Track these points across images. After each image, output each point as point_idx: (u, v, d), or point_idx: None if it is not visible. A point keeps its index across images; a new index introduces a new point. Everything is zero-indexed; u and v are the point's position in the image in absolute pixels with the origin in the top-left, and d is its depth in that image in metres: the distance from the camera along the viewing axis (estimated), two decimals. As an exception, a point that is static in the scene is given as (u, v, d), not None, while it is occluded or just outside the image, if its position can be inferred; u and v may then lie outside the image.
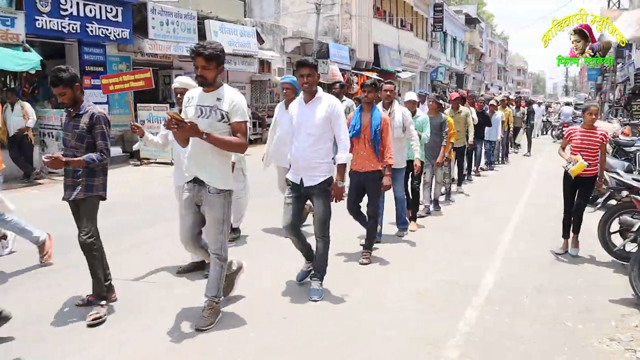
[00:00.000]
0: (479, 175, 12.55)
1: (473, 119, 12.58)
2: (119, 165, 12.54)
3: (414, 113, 7.05)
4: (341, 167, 4.60)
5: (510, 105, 16.37)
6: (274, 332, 4.00)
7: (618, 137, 13.55)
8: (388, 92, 6.41)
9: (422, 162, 7.01)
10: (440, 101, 8.27)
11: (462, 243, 6.66)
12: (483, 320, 4.30)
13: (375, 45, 28.84)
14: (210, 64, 3.79)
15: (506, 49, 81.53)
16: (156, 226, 7.09)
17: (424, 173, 7.73)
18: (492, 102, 14.19)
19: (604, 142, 5.88)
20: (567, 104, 30.19)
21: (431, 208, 8.28)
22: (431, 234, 7.13)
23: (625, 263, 5.58)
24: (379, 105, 6.20)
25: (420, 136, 6.90)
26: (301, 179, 4.59)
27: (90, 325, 3.98)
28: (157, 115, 13.20)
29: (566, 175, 6.03)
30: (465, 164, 11.10)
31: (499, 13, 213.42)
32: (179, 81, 5.13)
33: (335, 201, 4.67)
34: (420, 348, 3.78)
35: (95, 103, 5.06)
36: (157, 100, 15.91)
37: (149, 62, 15.60)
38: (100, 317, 4.07)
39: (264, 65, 20.29)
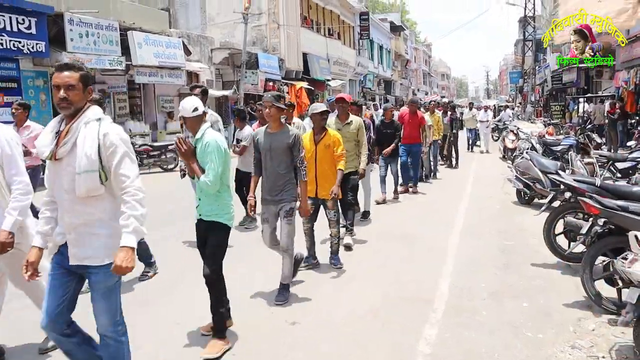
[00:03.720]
0: (396, 198, 9.88)
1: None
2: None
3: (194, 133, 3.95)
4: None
5: (438, 110, 13.96)
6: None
7: (544, 137, 14.09)
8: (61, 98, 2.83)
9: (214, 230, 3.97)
10: (281, 105, 4.80)
11: (410, 252, 6.50)
12: (443, 338, 4.09)
13: (305, 55, 28.80)
14: None
15: (430, 55, 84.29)
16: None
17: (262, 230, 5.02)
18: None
19: None
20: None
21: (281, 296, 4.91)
22: (376, 242, 6.93)
23: (572, 264, 5.60)
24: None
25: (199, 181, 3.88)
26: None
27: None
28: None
29: None
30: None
31: (421, 21, 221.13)
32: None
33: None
34: (383, 375, 3.52)
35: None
36: (79, 117, 14.98)
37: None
38: None
39: (192, 77, 19.68)
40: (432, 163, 12.87)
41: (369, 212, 8.42)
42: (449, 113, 15.25)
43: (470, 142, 19.46)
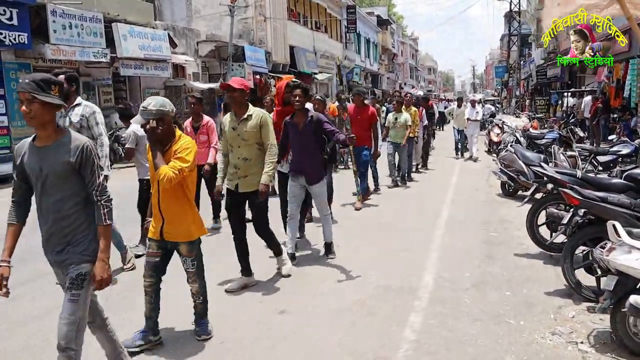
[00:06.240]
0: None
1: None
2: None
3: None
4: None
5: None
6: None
7: (529, 130, 14.27)
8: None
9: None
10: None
11: (396, 243, 6.58)
12: (428, 325, 4.18)
13: (291, 48, 28.72)
14: None
15: (417, 49, 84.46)
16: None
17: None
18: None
19: None
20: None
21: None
22: (361, 233, 7.00)
23: (553, 254, 5.72)
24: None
25: None
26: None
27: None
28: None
29: None
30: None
31: (408, 14, 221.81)
32: None
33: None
34: (369, 362, 3.60)
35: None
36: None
37: (52, 69, 14.50)
38: None
39: (178, 69, 19.59)
40: (407, 163, 11.14)
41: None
42: (421, 108, 12.92)
43: (458, 146, 16.08)
